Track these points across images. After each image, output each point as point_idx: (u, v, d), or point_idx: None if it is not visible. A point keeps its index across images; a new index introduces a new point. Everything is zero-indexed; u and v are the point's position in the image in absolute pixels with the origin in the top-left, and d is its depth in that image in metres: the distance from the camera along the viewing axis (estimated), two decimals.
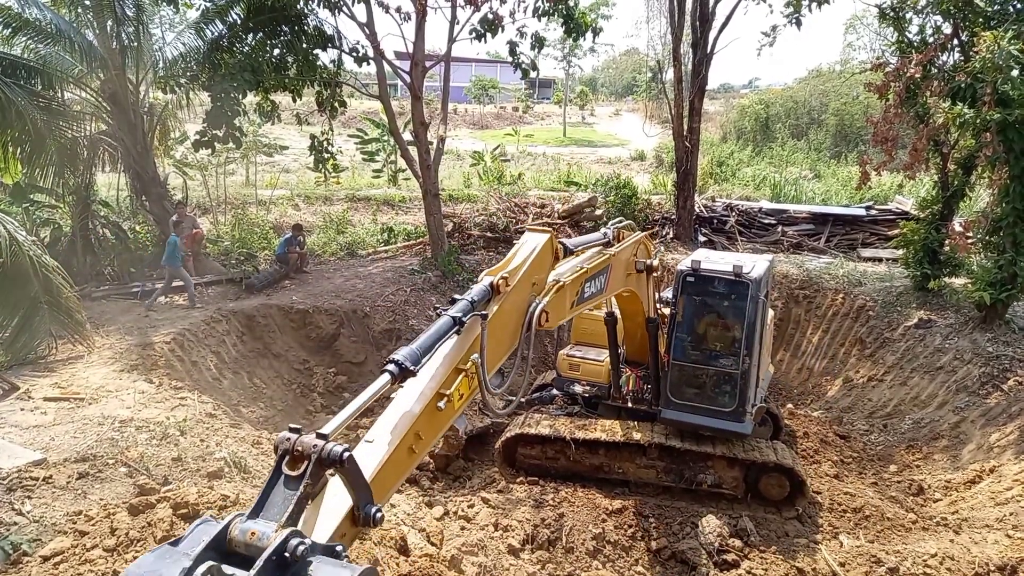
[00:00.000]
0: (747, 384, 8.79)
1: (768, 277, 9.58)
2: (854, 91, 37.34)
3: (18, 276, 10.15)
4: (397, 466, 4.36)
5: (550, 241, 6.44)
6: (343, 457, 3.32)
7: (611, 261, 7.76)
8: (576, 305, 7.17)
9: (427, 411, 4.55)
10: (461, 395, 4.96)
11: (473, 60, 56.42)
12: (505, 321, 5.91)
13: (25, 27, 13.79)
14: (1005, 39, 10.40)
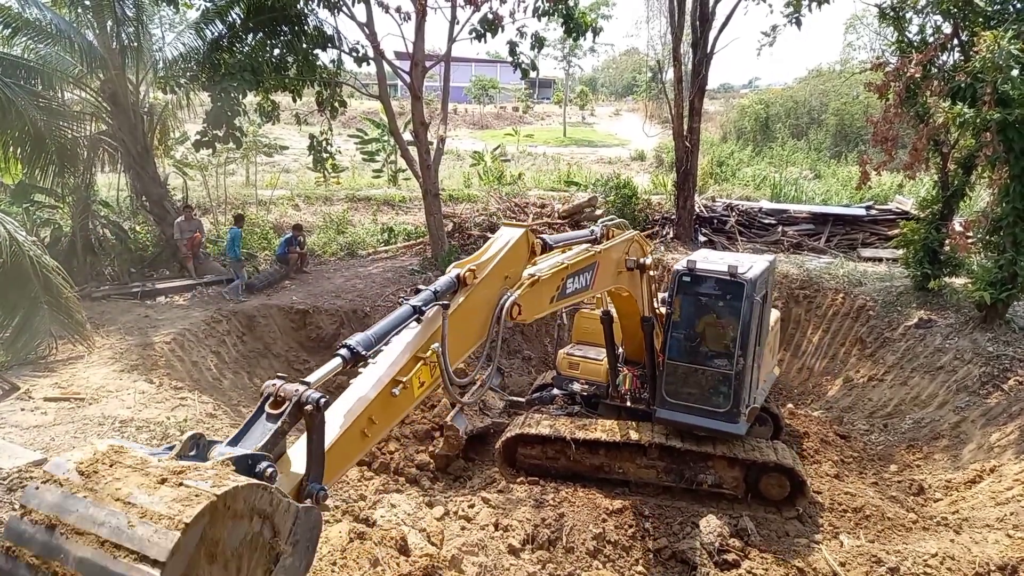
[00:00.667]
0: (741, 385, 8.78)
1: (767, 278, 9.53)
2: (854, 91, 37.35)
3: (18, 276, 10.15)
4: (348, 448, 4.42)
5: (525, 236, 6.53)
6: (320, 401, 3.57)
7: (597, 258, 7.79)
8: (558, 300, 7.22)
9: (381, 396, 4.61)
10: (422, 383, 5.07)
11: (473, 60, 56.43)
12: (472, 313, 5.94)
13: (25, 27, 13.81)
14: (1005, 39, 10.39)
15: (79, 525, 2.81)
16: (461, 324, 5.71)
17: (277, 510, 3.17)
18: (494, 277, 6.16)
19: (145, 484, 2.85)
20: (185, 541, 2.64)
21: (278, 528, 3.18)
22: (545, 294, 7.08)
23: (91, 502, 2.84)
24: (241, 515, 2.95)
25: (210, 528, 2.76)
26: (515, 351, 15.10)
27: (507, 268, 6.45)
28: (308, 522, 3.39)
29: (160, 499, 2.76)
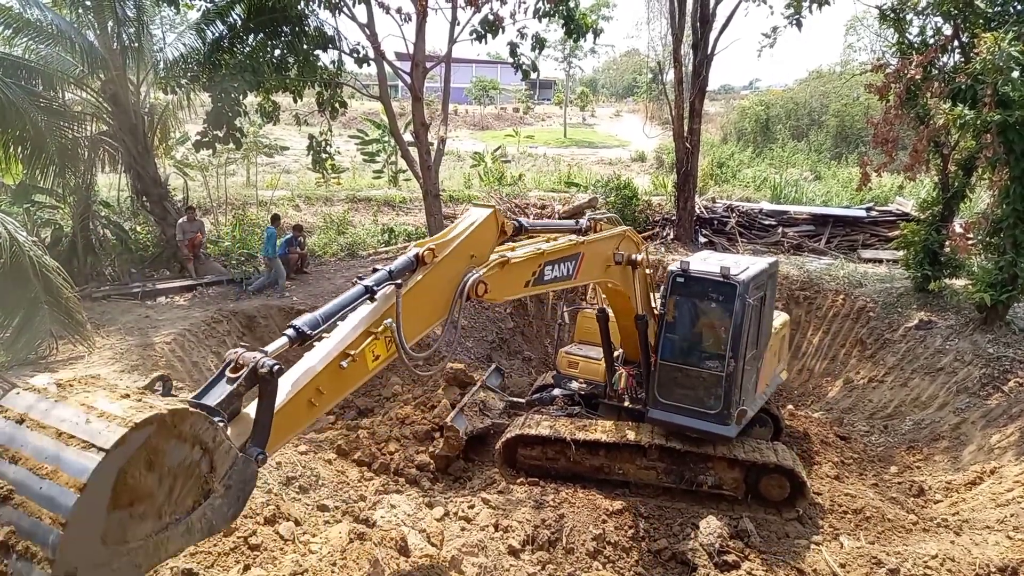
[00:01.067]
0: (732, 387, 8.73)
1: (766, 280, 9.46)
2: (854, 92, 37.38)
3: (19, 276, 10.15)
4: (294, 416, 4.72)
5: (493, 215, 6.67)
6: (274, 368, 4.02)
7: (581, 249, 7.88)
8: (535, 285, 7.38)
9: (329, 368, 4.87)
10: (376, 356, 5.37)
11: (474, 61, 56.50)
12: (431, 291, 6.13)
13: (26, 28, 13.80)
14: (1005, 40, 10.40)
15: (43, 420, 3.28)
16: (418, 302, 5.93)
17: (218, 448, 3.62)
18: (458, 256, 6.35)
19: (110, 396, 3.35)
20: (130, 438, 3.07)
21: (215, 465, 3.62)
22: (518, 277, 7.27)
23: (59, 404, 3.33)
24: (184, 438, 3.39)
25: (154, 438, 3.20)
26: (515, 352, 15.10)
27: (472, 247, 6.57)
28: (244, 472, 3.84)
29: (119, 406, 3.24)
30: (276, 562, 5.72)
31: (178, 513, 3.52)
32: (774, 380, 10.79)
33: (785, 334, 11.31)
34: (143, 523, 3.36)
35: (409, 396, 11.90)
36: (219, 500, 3.68)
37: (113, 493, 3.14)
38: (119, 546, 3.28)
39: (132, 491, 3.23)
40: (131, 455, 3.13)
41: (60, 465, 3.11)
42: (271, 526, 6.35)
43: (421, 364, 6.13)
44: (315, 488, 8.66)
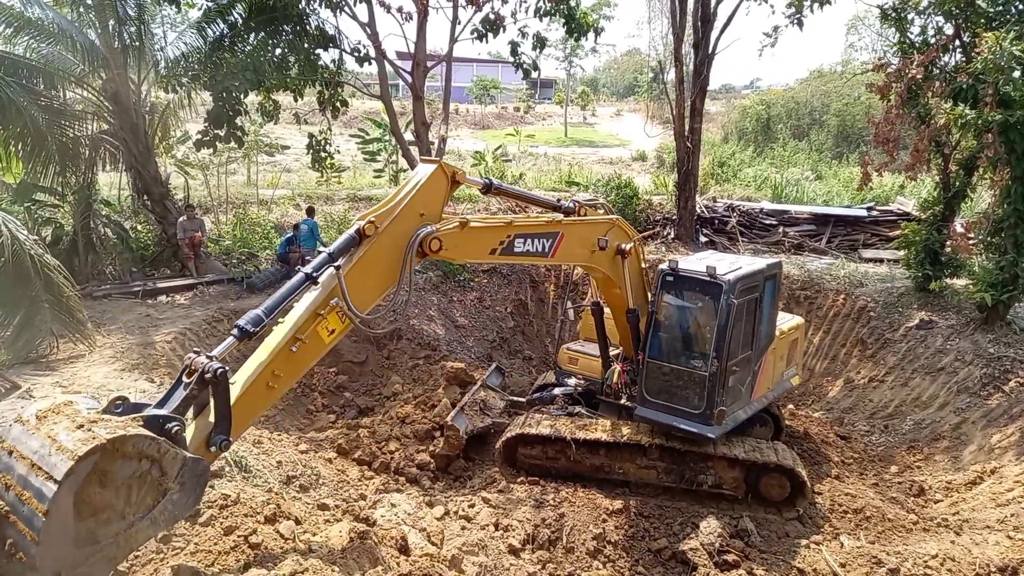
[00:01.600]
0: (715, 387, 8.69)
1: (761, 281, 9.25)
2: (856, 92, 37.35)
3: (20, 275, 10.16)
4: (255, 399, 5.40)
5: (439, 170, 6.88)
6: (218, 372, 4.75)
7: (560, 229, 8.05)
8: (503, 254, 7.64)
9: (282, 353, 5.43)
10: (332, 331, 5.86)
11: (474, 60, 56.43)
12: (377, 261, 6.35)
13: (27, 26, 13.81)
14: (1007, 40, 10.39)
15: (23, 452, 4.11)
16: (366, 273, 6.20)
17: (164, 456, 4.32)
18: (404, 218, 6.55)
19: (68, 427, 4.10)
20: (77, 468, 3.84)
21: (166, 470, 4.36)
22: (482, 242, 7.55)
23: (34, 436, 4.14)
24: (129, 456, 4.14)
25: (102, 462, 3.97)
26: (516, 351, 15.11)
27: (421, 206, 6.75)
28: (195, 469, 4.58)
29: (71, 438, 3.98)
30: (276, 561, 5.72)
31: (141, 512, 4.32)
32: (780, 384, 10.56)
33: (797, 338, 10.96)
34: (109, 525, 4.17)
35: (409, 395, 11.90)
36: (177, 495, 4.47)
37: (76, 509, 3.95)
38: (92, 546, 4.11)
39: (92, 504, 4.04)
40: (82, 480, 3.91)
41: (32, 493, 3.93)
42: (271, 525, 6.35)
43: (379, 328, 6.80)
44: (315, 487, 8.67)
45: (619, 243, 8.78)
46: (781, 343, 10.21)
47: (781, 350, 10.27)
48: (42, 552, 3.86)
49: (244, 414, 5.26)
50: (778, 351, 10.15)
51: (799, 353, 11.17)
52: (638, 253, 9.32)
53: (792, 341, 10.69)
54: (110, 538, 4.17)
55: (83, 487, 3.92)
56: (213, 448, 4.97)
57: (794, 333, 10.79)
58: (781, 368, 10.40)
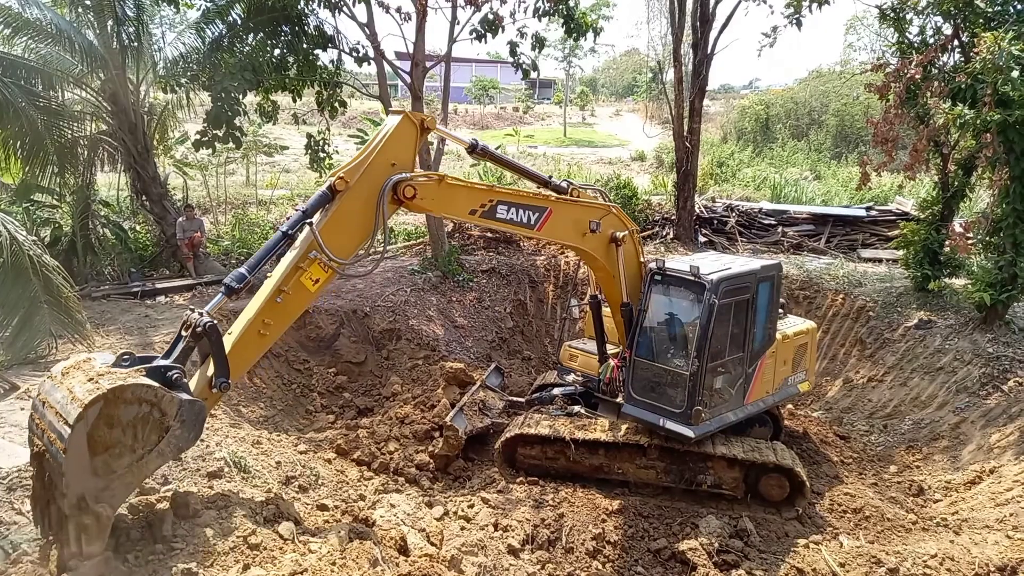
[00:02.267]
0: (696, 386, 8.68)
1: (753, 282, 9.12)
2: (854, 92, 37.35)
3: (18, 275, 10.14)
4: (249, 345, 6.23)
5: (405, 119, 7.05)
6: (206, 325, 5.65)
7: (549, 205, 8.20)
8: (482, 217, 7.77)
9: (268, 304, 6.19)
10: (316, 280, 6.49)
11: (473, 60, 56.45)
12: (351, 213, 6.72)
13: (25, 27, 13.79)
14: (1005, 40, 10.40)
15: (51, 402, 5.07)
16: (340, 227, 6.61)
17: (162, 400, 5.17)
18: (375, 170, 6.79)
19: (81, 380, 5.03)
20: (86, 414, 4.76)
21: (165, 411, 5.21)
22: (461, 200, 7.69)
23: (58, 388, 5.07)
24: (130, 401, 5.01)
25: (106, 407, 4.87)
26: (515, 351, 15.10)
27: (391, 156, 6.95)
28: (193, 409, 5.42)
29: (83, 389, 4.89)
30: (275, 561, 5.72)
31: (148, 446, 5.21)
32: (785, 389, 10.32)
33: (807, 343, 10.67)
34: (122, 458, 5.11)
35: (409, 395, 11.90)
36: (179, 431, 5.34)
37: (90, 447, 4.88)
38: (109, 475, 5.07)
39: (104, 442, 4.96)
40: (92, 423, 4.82)
41: (56, 435, 4.90)
42: (270, 525, 6.34)
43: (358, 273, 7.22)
44: (315, 487, 8.66)
45: (613, 230, 8.80)
46: (784, 347, 10.06)
47: (784, 354, 10.10)
48: (66, 481, 4.85)
49: (241, 359, 6.17)
50: (780, 355, 9.98)
51: (809, 359, 10.83)
52: (636, 245, 9.31)
53: (799, 346, 10.46)
54: (124, 468, 5.13)
55: (93, 429, 4.84)
56: (215, 390, 5.83)
57: (802, 338, 10.54)
58: (785, 372, 10.21)
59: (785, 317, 10.77)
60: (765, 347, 9.64)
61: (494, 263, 17.01)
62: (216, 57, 14.86)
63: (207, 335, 5.68)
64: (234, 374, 5.93)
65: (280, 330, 6.45)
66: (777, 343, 9.84)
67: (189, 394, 5.49)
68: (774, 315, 9.74)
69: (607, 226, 8.76)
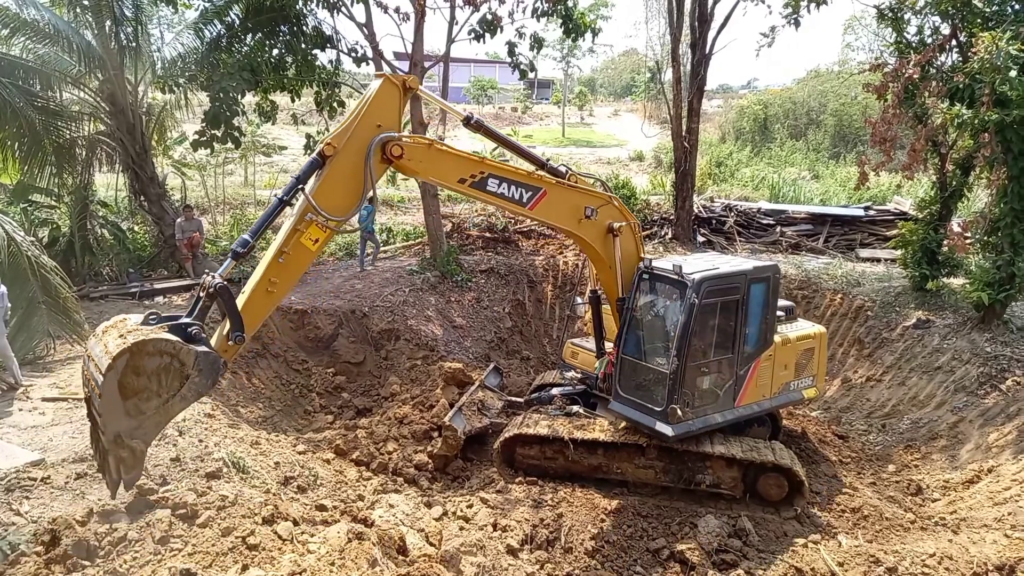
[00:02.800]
0: (675, 385, 8.67)
1: (743, 283, 8.96)
2: (852, 92, 37.39)
3: (16, 276, 10.14)
4: (259, 302, 6.85)
5: (386, 81, 7.31)
6: (217, 286, 6.33)
7: (544, 185, 8.29)
8: (471, 188, 7.95)
9: (272, 264, 6.78)
10: (315, 240, 6.98)
11: (472, 61, 56.43)
12: (344, 176, 7.07)
13: (23, 27, 13.77)
14: (1003, 40, 10.40)
15: (92, 355, 5.93)
16: (333, 190, 6.99)
17: (180, 352, 5.95)
18: (361, 132, 7.10)
19: (114, 337, 5.83)
20: (115, 364, 5.55)
21: (184, 361, 5.98)
22: (450, 167, 7.87)
23: (98, 344, 5.90)
24: (152, 353, 5.79)
25: (132, 359, 5.66)
26: (514, 351, 15.10)
27: (376, 118, 7.21)
28: (208, 359, 6.18)
29: (115, 344, 5.69)
30: (274, 562, 5.72)
31: (172, 391, 6.01)
32: (785, 394, 10.01)
33: (813, 348, 10.22)
34: (150, 401, 5.93)
35: (407, 396, 11.90)
36: (197, 379, 6.12)
37: (120, 391, 5.71)
38: (140, 416, 5.91)
39: (132, 388, 5.79)
40: (120, 371, 5.63)
41: (96, 383, 5.73)
42: (269, 526, 6.34)
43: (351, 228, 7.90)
44: (313, 488, 8.66)
45: (611, 221, 8.83)
46: (785, 351, 9.78)
47: (785, 358, 9.81)
48: (103, 421, 5.80)
49: (252, 315, 6.79)
50: (780, 358, 9.72)
51: (816, 364, 10.39)
52: (636, 239, 9.31)
53: (804, 350, 10.08)
54: (153, 410, 5.97)
55: (123, 377, 5.68)
56: (231, 342, 6.53)
57: (807, 342, 10.15)
58: (786, 377, 9.91)
59: (795, 321, 10.50)
60: (760, 350, 9.46)
61: (493, 263, 17.01)
62: (214, 57, 14.85)
63: (219, 295, 6.35)
64: (248, 329, 6.63)
65: (286, 287, 7.08)
66: (776, 346, 9.65)
67: (208, 347, 6.22)
68: (770, 318, 9.56)
69: (605, 216, 8.76)
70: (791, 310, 10.57)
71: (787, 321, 10.24)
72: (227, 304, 6.47)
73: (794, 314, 10.68)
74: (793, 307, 10.76)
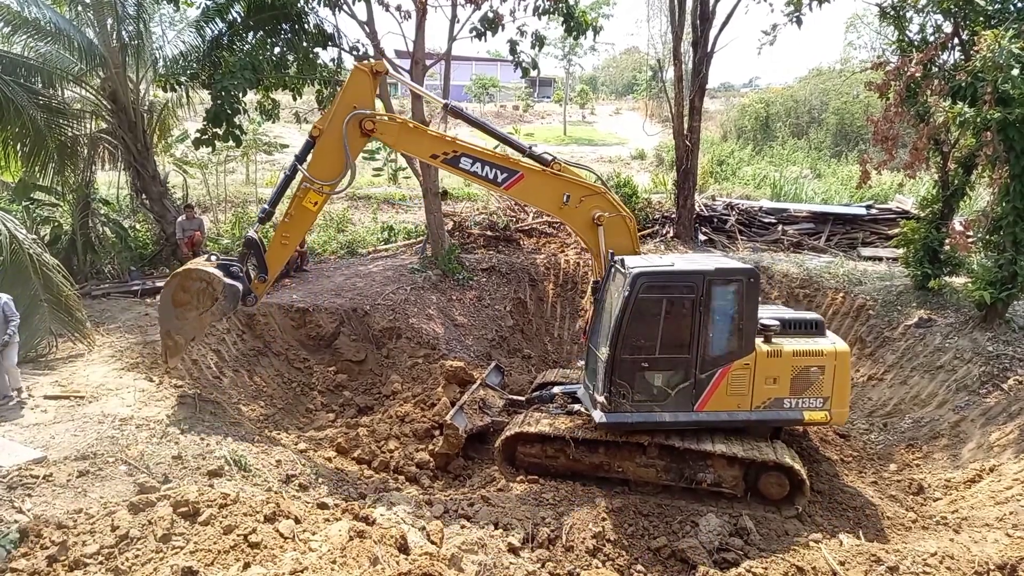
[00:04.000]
0: (608, 374, 8.94)
1: (700, 283, 8.81)
2: (854, 90, 37.38)
3: (18, 274, 10.16)
4: (277, 253, 9.60)
5: (356, 70, 8.95)
6: (247, 238, 9.46)
7: (520, 168, 9.17)
8: (445, 164, 9.26)
9: (283, 223, 9.55)
10: (314, 203, 9.28)
11: (473, 59, 56.37)
12: (330, 149, 8.97)
13: (25, 25, 13.78)
14: (1005, 38, 10.39)
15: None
16: (324, 162, 9.03)
17: (212, 280, 8.99)
18: (340, 114, 8.84)
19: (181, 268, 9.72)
20: (169, 282, 9.47)
21: (215, 288, 8.97)
22: (424, 144, 9.34)
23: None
24: (194, 278, 9.11)
25: (180, 280, 9.28)
26: (515, 350, 15.10)
27: (350, 100, 8.89)
28: (231, 290, 9.01)
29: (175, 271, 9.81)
30: (276, 560, 5.72)
31: (205, 307, 8.92)
32: (777, 411, 9.37)
33: (825, 366, 9.25)
34: (191, 310, 9.11)
35: (409, 394, 11.90)
36: (222, 301, 8.96)
37: (173, 301, 9.20)
38: (185, 320, 9.20)
39: (179, 299, 9.10)
40: (172, 287, 9.19)
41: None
42: (271, 524, 6.34)
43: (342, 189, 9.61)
44: (315, 486, 8.67)
45: (596, 211, 9.18)
46: (772, 363, 9.15)
47: (772, 371, 9.17)
48: (160, 319, 9.53)
49: (273, 261, 9.54)
50: (764, 370, 9.15)
51: (830, 385, 9.31)
52: (629, 232, 9.46)
53: (804, 367, 9.22)
54: (194, 316, 9.09)
55: (173, 291, 9.07)
56: (257, 280, 9.49)
57: (810, 359, 9.26)
58: (776, 392, 9.25)
59: (821, 336, 9.57)
60: (731, 357, 9.06)
61: (494, 261, 17.01)
62: (216, 55, 14.86)
63: (248, 246, 9.36)
64: (271, 272, 9.55)
65: (295, 240, 9.79)
66: (759, 357, 9.12)
67: (239, 283, 9.16)
68: (745, 324, 9.02)
69: (591, 205, 9.17)
70: (817, 324, 9.70)
71: (810, 335, 9.51)
72: (255, 252, 9.38)
73: (820, 328, 9.67)
74: (820, 321, 9.80)
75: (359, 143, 9.18)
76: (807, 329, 9.63)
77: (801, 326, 9.65)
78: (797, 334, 9.53)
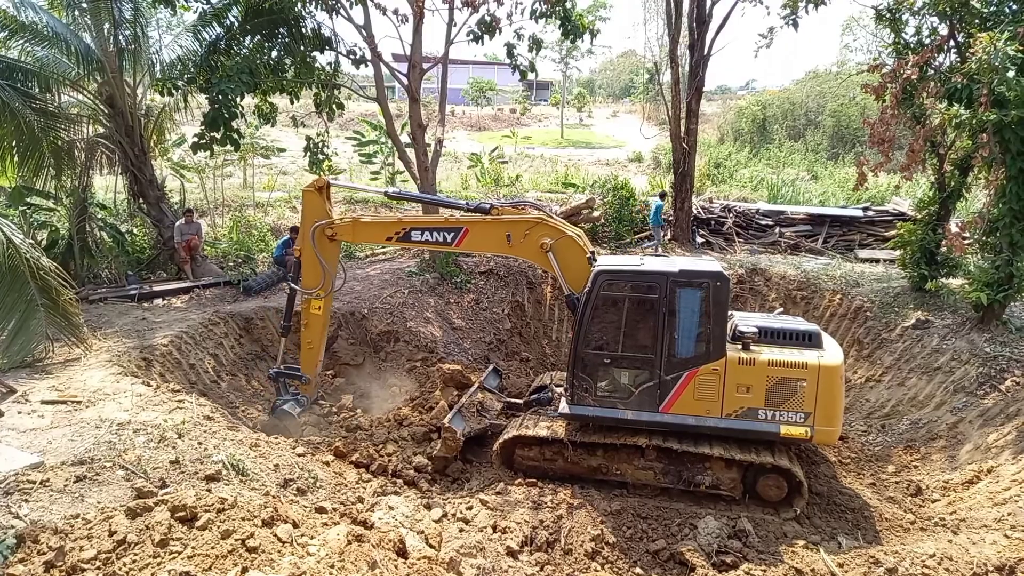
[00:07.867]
0: (570, 368, 9.35)
1: (662, 284, 8.79)
2: (851, 92, 37.46)
3: (15, 279, 10.11)
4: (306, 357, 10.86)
5: (305, 191, 10.25)
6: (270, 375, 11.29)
7: (463, 224, 9.77)
8: (399, 241, 10.17)
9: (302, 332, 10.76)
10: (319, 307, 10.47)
11: (471, 62, 56.52)
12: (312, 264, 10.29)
13: (21, 30, 13.76)
14: (1001, 40, 10.42)
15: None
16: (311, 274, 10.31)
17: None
18: (305, 232, 10.16)
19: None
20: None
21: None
22: (376, 233, 10.58)
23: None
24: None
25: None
26: (513, 353, 15.10)
27: (311, 218, 10.08)
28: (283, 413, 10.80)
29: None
30: (274, 564, 5.71)
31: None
32: (749, 421, 8.97)
33: (803, 379, 8.72)
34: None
35: (407, 397, 11.88)
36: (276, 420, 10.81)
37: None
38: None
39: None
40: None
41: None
42: (269, 528, 6.33)
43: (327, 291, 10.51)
44: (313, 490, 8.65)
45: (542, 239, 9.51)
46: (744, 371, 8.81)
47: (745, 380, 8.82)
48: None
49: (307, 365, 10.80)
50: (736, 378, 8.84)
51: (812, 400, 8.75)
52: (579, 246, 9.62)
53: (781, 378, 8.77)
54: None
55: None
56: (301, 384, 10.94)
57: (788, 370, 8.77)
58: (748, 402, 8.89)
59: (815, 348, 9.02)
60: (699, 361, 8.90)
61: (491, 265, 17.01)
62: (213, 59, 14.85)
63: (275, 380, 11.03)
64: (311, 373, 10.81)
65: (319, 341, 10.75)
66: (730, 364, 8.83)
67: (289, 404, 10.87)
68: (713, 328, 8.82)
69: (536, 236, 9.54)
70: (811, 335, 9.15)
71: (803, 347, 9.03)
72: (283, 379, 10.87)
73: (814, 340, 9.11)
74: (814, 332, 9.20)
75: (331, 248, 10.27)
76: (796, 340, 9.09)
77: (789, 336, 9.12)
78: (785, 344, 9.06)
